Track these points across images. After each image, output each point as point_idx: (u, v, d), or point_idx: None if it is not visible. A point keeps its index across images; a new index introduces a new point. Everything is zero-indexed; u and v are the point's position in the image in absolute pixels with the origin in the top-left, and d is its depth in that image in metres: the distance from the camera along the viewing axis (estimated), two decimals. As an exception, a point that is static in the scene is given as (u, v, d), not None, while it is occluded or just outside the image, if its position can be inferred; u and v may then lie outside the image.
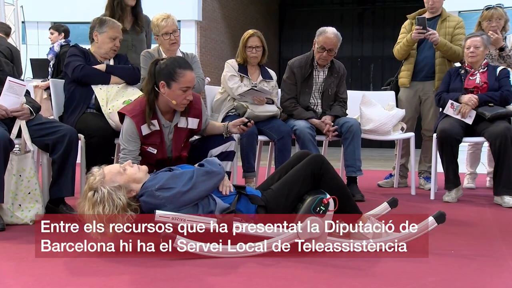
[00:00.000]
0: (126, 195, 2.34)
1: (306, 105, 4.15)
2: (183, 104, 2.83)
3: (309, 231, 2.27)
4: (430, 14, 4.55)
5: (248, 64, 4.03)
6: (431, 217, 2.43)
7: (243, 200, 2.45)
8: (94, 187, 2.33)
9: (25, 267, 2.13)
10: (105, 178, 2.35)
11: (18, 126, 3.02)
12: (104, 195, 2.30)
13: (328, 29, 4.06)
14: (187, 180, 2.36)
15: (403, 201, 4.02)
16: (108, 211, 2.28)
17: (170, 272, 2.07)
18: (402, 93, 4.66)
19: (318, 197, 2.31)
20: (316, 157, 2.48)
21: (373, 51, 15.82)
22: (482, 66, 4.11)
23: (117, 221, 2.29)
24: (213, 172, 2.42)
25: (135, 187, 2.39)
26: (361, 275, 2.07)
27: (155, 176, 2.44)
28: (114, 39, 3.47)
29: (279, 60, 15.87)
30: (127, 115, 2.85)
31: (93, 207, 2.30)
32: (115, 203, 2.30)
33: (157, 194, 2.32)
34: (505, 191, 3.77)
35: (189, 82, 2.79)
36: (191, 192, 2.34)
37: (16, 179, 2.95)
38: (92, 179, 2.37)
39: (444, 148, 3.89)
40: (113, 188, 2.32)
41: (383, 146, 10.38)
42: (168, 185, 2.34)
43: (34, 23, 10.41)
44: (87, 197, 2.33)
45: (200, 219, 2.28)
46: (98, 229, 2.27)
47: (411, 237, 2.42)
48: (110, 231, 2.29)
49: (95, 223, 2.29)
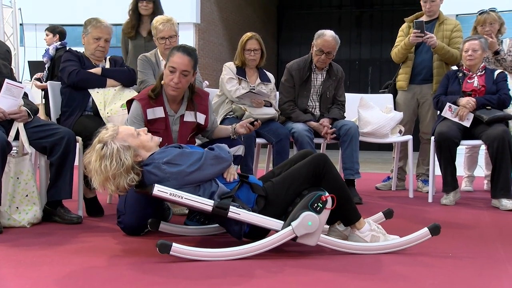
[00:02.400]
0: (132, 158, 2.35)
1: (304, 107, 4.15)
2: (170, 86, 2.85)
3: (305, 227, 2.27)
4: (427, 17, 4.57)
5: (246, 67, 4.03)
6: (426, 228, 2.44)
7: (245, 188, 2.45)
8: (104, 140, 2.36)
9: (22, 270, 2.12)
10: (117, 135, 2.39)
11: (16, 129, 3.02)
12: (113, 151, 2.33)
13: (326, 32, 4.07)
14: (195, 160, 2.36)
15: (401, 204, 4.03)
16: (114, 168, 2.31)
17: (168, 275, 2.06)
18: (400, 96, 4.67)
19: (317, 193, 2.31)
20: (320, 156, 2.48)
21: (371, 54, 15.85)
22: (480, 69, 4.12)
23: (121, 180, 2.32)
24: (222, 158, 2.43)
25: (143, 154, 2.41)
26: (359, 278, 2.07)
27: (165, 149, 2.44)
28: (98, 39, 3.44)
29: (277, 62, 15.90)
30: (135, 99, 2.92)
31: (101, 160, 2.33)
32: (122, 162, 2.32)
33: (163, 168, 2.32)
34: (503, 194, 3.78)
35: (174, 63, 2.81)
36: (197, 173, 2.35)
37: (13, 181, 2.94)
38: (104, 132, 2.40)
39: (442, 151, 3.90)
40: (122, 147, 2.35)
41: (381, 149, 10.39)
42: (176, 161, 2.34)
43: (32, 25, 10.40)
44: (95, 148, 2.36)
45: (197, 200, 2.29)
46: (101, 184, 2.33)
47: (404, 245, 2.44)
48: (113, 188, 2.33)
49: (99, 177, 2.32)
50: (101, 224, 3.11)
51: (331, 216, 2.56)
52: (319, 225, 2.29)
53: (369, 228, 2.49)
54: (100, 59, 3.53)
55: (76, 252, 2.40)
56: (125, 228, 2.76)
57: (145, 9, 4.13)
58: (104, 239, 2.68)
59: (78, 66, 3.40)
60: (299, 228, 2.28)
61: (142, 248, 2.48)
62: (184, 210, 3.37)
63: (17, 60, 7.84)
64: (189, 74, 2.85)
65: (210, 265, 2.19)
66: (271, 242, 2.31)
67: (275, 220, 2.34)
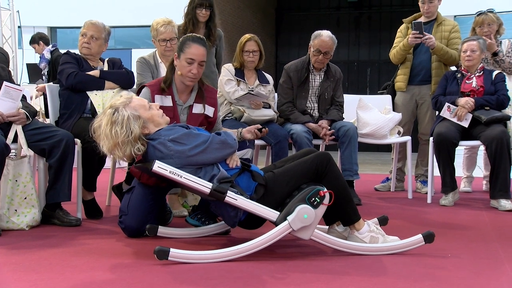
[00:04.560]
0: (140, 129, 2.38)
1: (302, 109, 4.15)
2: (188, 77, 2.91)
3: (301, 220, 2.27)
4: (425, 18, 4.57)
5: (245, 69, 4.03)
6: (421, 235, 2.45)
7: (245, 176, 2.45)
8: (116, 106, 2.40)
9: (21, 273, 2.12)
10: (130, 103, 2.42)
11: (14, 131, 3.01)
12: (124, 117, 2.37)
13: (323, 32, 4.08)
14: (201, 142, 2.37)
15: (400, 205, 4.03)
16: (124, 135, 2.34)
17: (167, 277, 2.06)
18: (398, 97, 4.68)
19: (315, 187, 2.31)
20: (324, 154, 2.49)
21: (369, 55, 15.87)
22: (478, 70, 4.13)
23: (127, 148, 2.36)
24: (228, 144, 2.45)
25: (151, 128, 2.44)
26: (358, 279, 2.07)
27: (173, 127, 2.47)
28: (83, 36, 3.48)
29: (275, 64, 15.91)
30: (145, 85, 2.98)
31: (112, 125, 2.36)
32: (130, 130, 2.36)
33: (168, 145, 2.34)
34: (502, 194, 3.78)
35: (193, 54, 2.87)
36: (201, 155, 2.35)
37: (12, 184, 2.94)
38: (117, 99, 2.44)
39: (440, 152, 3.90)
40: (132, 115, 2.38)
41: (380, 150, 10.40)
42: (182, 140, 2.36)
43: (30, 27, 10.40)
44: (106, 113, 2.40)
45: (196, 181, 2.28)
46: (109, 150, 2.36)
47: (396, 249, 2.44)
48: (120, 154, 2.37)
49: (109, 142, 2.35)
50: (100, 226, 3.10)
51: (331, 216, 2.57)
52: (315, 219, 2.29)
53: (368, 229, 2.49)
54: (88, 57, 3.52)
55: (75, 255, 2.40)
56: (125, 229, 2.76)
57: (203, 16, 4.12)
58: (103, 241, 2.68)
59: (76, 68, 3.41)
60: (295, 222, 2.28)
61: (141, 250, 2.48)
62: (183, 213, 3.37)
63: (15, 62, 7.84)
64: (204, 64, 2.93)
65: (208, 267, 2.19)
66: (269, 238, 2.30)
67: (271, 210, 2.33)
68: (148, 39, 3.89)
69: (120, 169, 4.07)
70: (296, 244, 2.65)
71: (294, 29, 15.87)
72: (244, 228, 2.51)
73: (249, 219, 2.41)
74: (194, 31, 4.07)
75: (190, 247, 2.47)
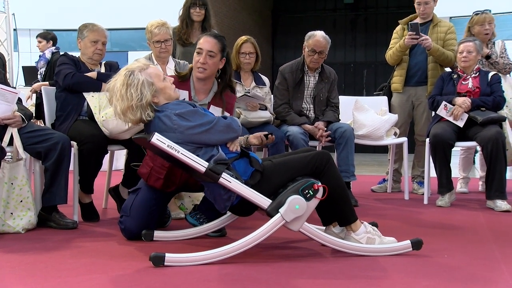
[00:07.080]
0: (151, 96, 2.38)
1: (298, 109, 4.16)
2: (197, 68, 2.94)
3: (293, 211, 2.26)
4: (421, 19, 4.58)
5: (241, 70, 4.03)
6: (409, 241, 2.45)
7: (243, 161, 2.44)
8: (132, 69, 2.39)
9: (17, 276, 2.11)
10: (146, 69, 2.42)
11: (9, 134, 3.01)
12: (139, 81, 2.36)
13: (316, 32, 4.11)
14: (206, 122, 2.36)
15: (397, 206, 4.04)
16: (137, 98, 2.33)
17: (164, 280, 2.06)
18: (395, 98, 4.68)
19: (310, 180, 2.31)
20: (324, 152, 2.49)
21: (366, 57, 15.90)
22: (474, 71, 4.14)
23: (138, 112, 2.35)
24: (233, 128, 2.45)
25: (161, 99, 2.43)
26: (354, 280, 2.07)
27: (181, 103, 2.46)
28: (95, 42, 3.46)
29: (272, 66, 15.90)
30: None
31: (127, 87, 2.35)
32: (143, 95, 2.35)
33: (173, 118, 2.32)
34: (497, 195, 3.79)
35: (200, 44, 2.93)
36: (204, 134, 2.35)
37: (8, 187, 2.93)
38: (134, 63, 2.44)
39: (437, 153, 3.91)
40: (147, 81, 2.37)
41: (377, 151, 10.40)
42: (188, 116, 2.34)
43: (26, 30, 10.40)
44: (122, 74, 2.39)
45: (192, 158, 2.27)
46: (123, 111, 2.35)
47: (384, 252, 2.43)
48: (132, 117, 2.36)
49: (123, 103, 2.34)
50: (96, 229, 3.09)
51: (328, 216, 2.57)
52: (306, 211, 2.28)
53: (365, 230, 2.49)
54: (97, 62, 3.54)
55: (71, 257, 2.39)
56: (124, 230, 2.75)
57: (197, 15, 4.10)
58: (99, 244, 2.67)
59: (74, 69, 3.40)
60: (288, 213, 2.27)
61: (138, 253, 2.48)
62: (179, 215, 3.36)
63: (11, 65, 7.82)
64: (216, 56, 2.93)
65: (206, 269, 2.19)
66: (263, 232, 2.29)
67: (264, 197, 2.32)
68: (144, 41, 3.88)
69: (117, 171, 4.06)
70: (294, 246, 2.65)
71: (291, 31, 15.88)
72: (235, 214, 2.49)
73: (242, 204, 2.40)
74: (189, 32, 4.06)
75: (187, 248, 2.47)
